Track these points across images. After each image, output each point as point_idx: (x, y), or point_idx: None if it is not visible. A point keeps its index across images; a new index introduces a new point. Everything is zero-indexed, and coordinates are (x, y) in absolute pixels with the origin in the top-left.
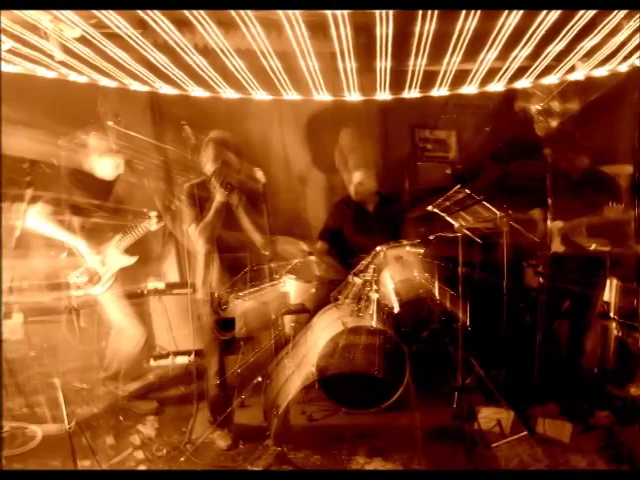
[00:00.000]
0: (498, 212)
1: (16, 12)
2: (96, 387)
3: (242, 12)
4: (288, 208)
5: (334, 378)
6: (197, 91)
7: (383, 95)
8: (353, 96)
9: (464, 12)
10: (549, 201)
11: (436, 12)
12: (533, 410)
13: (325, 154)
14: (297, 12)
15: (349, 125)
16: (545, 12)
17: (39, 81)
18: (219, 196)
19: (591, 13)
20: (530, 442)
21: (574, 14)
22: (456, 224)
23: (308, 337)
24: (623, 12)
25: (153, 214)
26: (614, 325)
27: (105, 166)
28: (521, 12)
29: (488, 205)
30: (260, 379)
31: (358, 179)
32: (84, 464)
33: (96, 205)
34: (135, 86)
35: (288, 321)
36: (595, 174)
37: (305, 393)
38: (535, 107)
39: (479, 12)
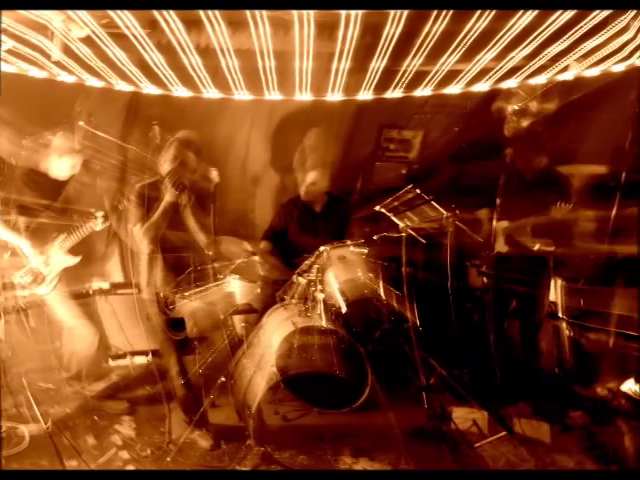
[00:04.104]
0: (445, 212)
1: (23, 12)
2: (62, 387)
3: (256, 12)
4: (236, 208)
5: (297, 378)
6: (180, 91)
7: (365, 95)
8: (334, 96)
9: (470, 13)
10: (497, 201)
11: (444, 12)
12: (505, 410)
13: (287, 154)
14: (311, 12)
15: (321, 125)
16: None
17: (19, 80)
18: (168, 196)
19: (593, 13)
20: (512, 442)
21: (585, 14)
22: (401, 224)
23: (261, 337)
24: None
25: (99, 214)
26: (564, 325)
27: (62, 166)
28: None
29: (436, 205)
30: (224, 379)
31: (311, 179)
32: (71, 464)
33: (44, 205)
34: (121, 86)
35: (238, 321)
36: (549, 174)
37: (273, 393)
38: (512, 107)
39: (482, 12)
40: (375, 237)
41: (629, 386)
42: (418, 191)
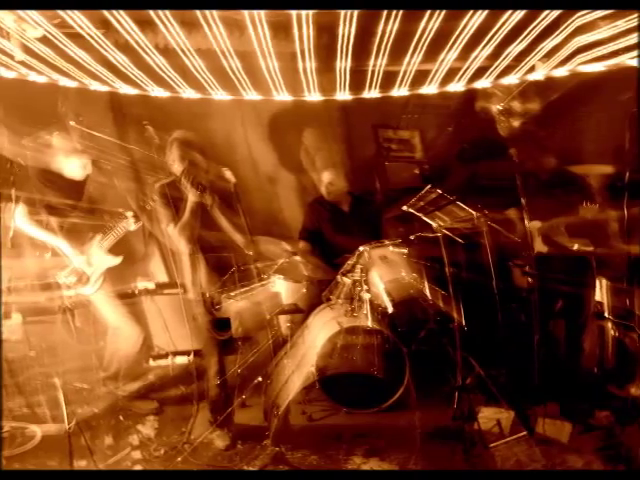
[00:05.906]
0: (474, 212)
1: None
2: (96, 387)
3: (207, 12)
4: (262, 208)
5: (334, 378)
6: (157, 91)
7: (343, 95)
8: (313, 96)
9: (428, 12)
10: (523, 201)
11: (398, 12)
12: (534, 410)
13: (291, 153)
14: (262, 12)
15: (311, 125)
16: (506, 12)
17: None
18: (192, 196)
19: (553, 13)
20: (528, 442)
21: (537, 14)
22: (434, 224)
23: (305, 337)
24: (588, 13)
25: (129, 214)
26: (610, 325)
27: (72, 166)
28: (483, 12)
29: (463, 205)
30: (260, 379)
31: (328, 179)
32: (80, 464)
33: (70, 205)
34: (95, 86)
35: (284, 321)
36: (565, 174)
37: (306, 393)
38: (496, 107)
39: (443, 12)
40: (412, 237)
41: None
42: (439, 191)
